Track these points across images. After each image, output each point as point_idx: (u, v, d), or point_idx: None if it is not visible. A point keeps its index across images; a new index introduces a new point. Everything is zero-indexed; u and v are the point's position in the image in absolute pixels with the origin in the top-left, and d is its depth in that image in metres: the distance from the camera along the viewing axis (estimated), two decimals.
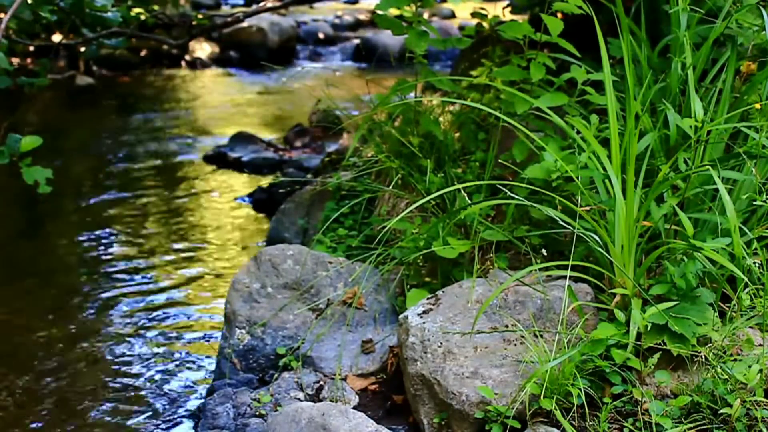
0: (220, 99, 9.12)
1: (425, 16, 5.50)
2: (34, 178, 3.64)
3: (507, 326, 2.80)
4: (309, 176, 5.21)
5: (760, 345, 2.55)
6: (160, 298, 4.40)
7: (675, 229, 2.84)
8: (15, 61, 8.21)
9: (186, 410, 3.37)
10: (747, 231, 2.74)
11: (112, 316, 4.20)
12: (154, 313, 4.23)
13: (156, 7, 8.46)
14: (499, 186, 3.02)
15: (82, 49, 6.86)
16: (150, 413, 3.37)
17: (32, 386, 3.56)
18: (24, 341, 3.92)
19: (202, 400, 3.28)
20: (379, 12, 3.84)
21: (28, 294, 4.43)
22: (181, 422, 3.29)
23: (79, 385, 3.58)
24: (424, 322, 2.85)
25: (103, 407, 3.42)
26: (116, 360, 3.79)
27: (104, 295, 4.42)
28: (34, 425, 3.31)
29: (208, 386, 3.42)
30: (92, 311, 4.25)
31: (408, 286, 3.30)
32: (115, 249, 5.02)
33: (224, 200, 5.91)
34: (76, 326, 4.09)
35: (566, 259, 2.70)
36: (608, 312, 2.71)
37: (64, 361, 3.77)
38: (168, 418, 3.33)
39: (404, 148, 3.77)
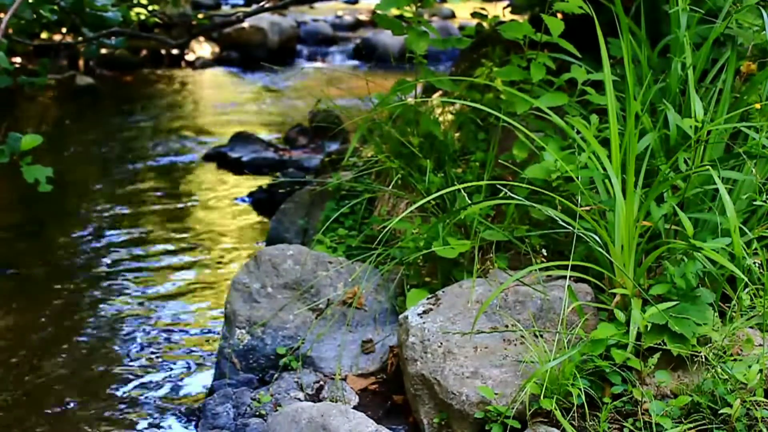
0: (220, 99, 9.12)
1: (425, 16, 5.50)
2: (35, 177, 3.64)
3: (507, 326, 2.80)
4: (309, 176, 5.21)
5: (760, 345, 2.55)
6: (160, 298, 4.40)
7: (675, 229, 2.84)
8: (15, 60, 8.22)
9: (186, 410, 3.37)
10: (747, 231, 2.74)
11: (111, 315, 4.20)
12: (154, 313, 4.23)
13: (156, 7, 8.46)
14: (499, 186, 3.01)
15: (82, 48, 6.86)
16: (150, 413, 3.37)
17: (32, 386, 3.56)
18: (24, 341, 3.92)
19: (202, 400, 3.28)
20: (379, 12, 3.84)
21: (28, 293, 4.43)
22: (181, 422, 3.29)
23: (79, 385, 3.58)
24: (424, 322, 2.85)
25: (103, 407, 3.42)
26: (116, 360, 3.79)
27: (104, 295, 4.42)
28: (34, 425, 3.30)
29: (208, 386, 3.42)
30: (92, 311, 4.25)
31: (408, 286, 3.30)
32: (115, 249, 5.02)
33: (224, 200, 5.91)
34: (76, 326, 4.09)
35: (566, 259, 2.70)
36: (608, 312, 2.71)
37: (63, 361, 3.77)
38: (168, 418, 3.33)
39: (404, 148, 3.77)
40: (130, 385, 3.57)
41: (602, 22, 2.98)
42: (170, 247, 5.06)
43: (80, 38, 5.88)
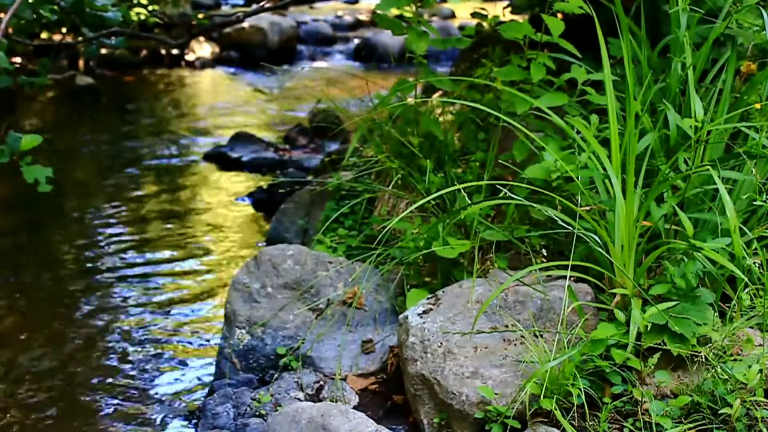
0: (220, 99, 9.12)
1: (425, 16, 5.50)
2: (34, 177, 3.63)
3: (507, 326, 2.80)
4: (309, 176, 5.21)
5: (760, 345, 2.55)
6: (160, 298, 4.40)
7: (675, 229, 2.84)
8: (15, 60, 8.22)
9: (186, 410, 3.37)
10: (747, 231, 2.74)
11: (111, 315, 4.20)
12: (154, 313, 4.23)
13: (156, 7, 8.47)
14: (499, 186, 3.02)
15: (82, 48, 6.86)
16: (150, 413, 3.37)
17: (32, 386, 3.56)
18: (24, 341, 3.92)
19: (202, 400, 3.28)
20: (379, 12, 3.84)
21: (29, 294, 4.43)
22: (181, 422, 3.29)
23: (79, 385, 3.58)
24: (424, 322, 2.85)
25: (103, 407, 3.42)
26: (116, 360, 3.79)
27: (104, 295, 4.42)
28: (34, 425, 3.30)
29: (208, 386, 3.42)
30: (92, 311, 4.25)
31: (408, 286, 3.30)
32: (115, 249, 5.02)
33: (224, 200, 5.91)
34: (76, 326, 4.09)
35: (566, 259, 2.70)
36: (608, 312, 2.71)
37: (63, 361, 3.77)
38: (168, 418, 3.33)
39: (404, 148, 3.77)
40: (130, 385, 3.57)
41: (602, 22, 2.98)
42: (170, 247, 5.06)
43: (80, 38, 5.88)
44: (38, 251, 5.00)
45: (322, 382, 3.12)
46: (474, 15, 4.33)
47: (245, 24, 10.45)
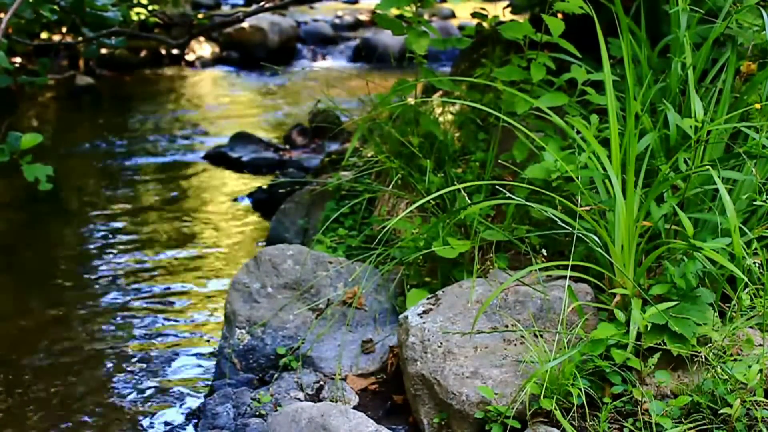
0: (220, 99, 9.12)
1: (425, 16, 5.49)
2: (35, 175, 3.63)
3: (507, 326, 2.80)
4: (309, 176, 5.21)
5: (760, 345, 2.55)
6: (160, 298, 4.40)
7: (675, 229, 2.84)
8: (15, 60, 8.22)
9: (186, 410, 3.37)
10: (747, 231, 2.74)
11: (110, 315, 4.20)
12: (153, 313, 4.23)
13: (156, 7, 8.47)
14: (498, 186, 3.02)
15: (82, 48, 6.87)
16: (150, 413, 3.37)
17: (32, 386, 3.56)
18: (24, 341, 3.92)
19: (202, 400, 3.28)
20: (379, 12, 3.84)
21: (29, 294, 4.43)
22: (181, 422, 3.29)
23: (79, 385, 3.58)
24: (424, 322, 2.85)
25: (103, 407, 3.42)
26: (116, 359, 3.80)
27: (102, 295, 4.42)
28: (33, 425, 3.30)
29: (208, 386, 3.42)
30: (92, 311, 4.25)
31: (408, 286, 3.30)
32: (115, 249, 5.02)
33: (224, 200, 5.91)
34: (76, 326, 4.09)
35: (566, 259, 2.70)
36: (608, 312, 2.71)
37: (63, 360, 3.77)
38: (168, 418, 3.33)
39: (404, 148, 3.77)
40: (130, 385, 3.57)
41: (602, 22, 2.98)
42: (169, 246, 5.06)
43: (80, 38, 5.88)
44: (37, 251, 5.00)
45: (322, 382, 3.12)
46: (474, 15, 4.33)
47: (245, 24, 10.46)
